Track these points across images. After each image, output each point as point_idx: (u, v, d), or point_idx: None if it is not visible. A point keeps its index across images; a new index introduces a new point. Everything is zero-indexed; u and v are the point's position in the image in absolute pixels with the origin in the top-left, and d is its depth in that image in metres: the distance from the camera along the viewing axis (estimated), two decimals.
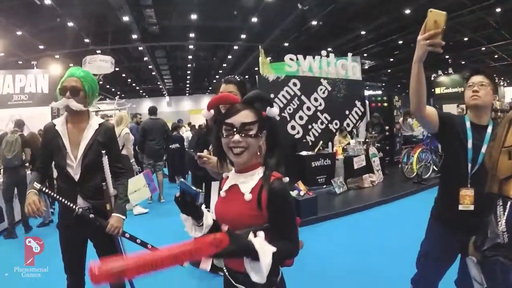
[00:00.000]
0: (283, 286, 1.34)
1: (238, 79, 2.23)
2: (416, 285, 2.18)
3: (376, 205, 5.87)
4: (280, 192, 1.20)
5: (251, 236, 1.07)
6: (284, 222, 1.19)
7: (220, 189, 1.38)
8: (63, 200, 2.00)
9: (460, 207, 1.78)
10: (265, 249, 1.05)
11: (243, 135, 1.19)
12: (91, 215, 2.04)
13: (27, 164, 4.94)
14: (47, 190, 2.03)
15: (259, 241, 1.06)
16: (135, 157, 6.09)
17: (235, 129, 1.19)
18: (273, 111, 1.27)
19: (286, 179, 1.25)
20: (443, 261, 2.00)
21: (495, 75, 1.86)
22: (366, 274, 3.32)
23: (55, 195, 2.05)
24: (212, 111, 1.32)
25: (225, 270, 1.37)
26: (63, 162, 2.02)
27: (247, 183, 1.24)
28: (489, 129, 1.82)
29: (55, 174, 2.46)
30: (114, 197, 2.15)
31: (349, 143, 7.41)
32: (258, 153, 1.27)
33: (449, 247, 1.94)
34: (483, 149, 1.75)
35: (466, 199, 1.76)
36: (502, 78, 22.16)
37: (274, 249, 1.06)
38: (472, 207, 1.75)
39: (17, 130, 5.08)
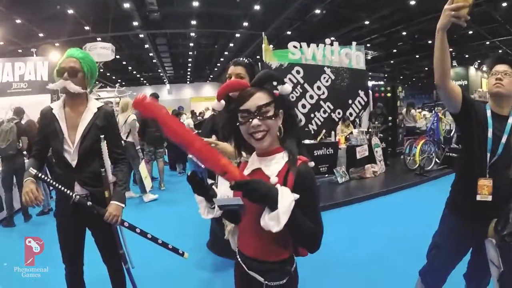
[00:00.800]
0: (296, 277, 1.32)
1: (247, 61, 2.16)
2: (424, 277, 2.14)
3: (378, 195, 5.82)
4: (307, 176, 1.18)
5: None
6: (310, 206, 1.14)
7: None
8: (60, 186, 1.93)
9: (478, 198, 1.72)
10: (286, 193, 1.04)
11: (261, 118, 1.16)
12: (89, 203, 1.97)
13: (24, 152, 4.86)
14: (43, 177, 1.95)
15: (282, 187, 1.06)
16: None
17: (252, 114, 1.16)
18: (286, 88, 1.24)
19: (312, 164, 1.22)
20: (455, 253, 1.96)
21: None
22: (367, 264, 3.29)
23: (51, 181, 1.98)
24: (223, 102, 1.30)
25: (237, 257, 1.36)
26: (60, 147, 1.94)
27: (271, 166, 1.21)
28: (510, 120, 1.76)
29: None
30: (113, 184, 2.08)
31: (351, 133, 7.34)
32: (278, 134, 1.22)
33: (463, 240, 1.90)
34: (503, 140, 1.70)
35: (484, 189, 1.71)
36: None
37: (296, 196, 1.05)
38: (490, 198, 1.70)
39: (14, 118, 5.00)
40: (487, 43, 16.42)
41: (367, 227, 4.12)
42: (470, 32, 15.09)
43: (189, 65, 24.84)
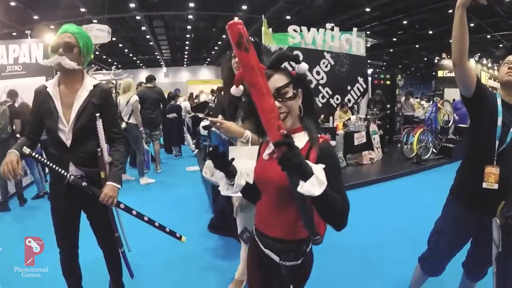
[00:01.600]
0: (312, 258, 1.36)
1: (253, 40, 2.10)
2: (424, 263, 2.14)
3: (375, 182, 5.84)
4: (330, 152, 1.20)
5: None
6: (335, 181, 1.10)
7: (261, 153, 1.37)
8: (54, 166, 1.87)
9: (484, 185, 1.71)
10: (314, 165, 1.02)
11: (280, 100, 1.17)
12: (84, 183, 1.91)
13: (18, 136, 4.73)
14: (36, 155, 1.89)
15: (308, 162, 1.03)
16: None
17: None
18: (302, 67, 1.24)
19: (333, 142, 1.19)
20: (457, 240, 1.96)
21: None
22: (362, 250, 3.30)
23: (44, 160, 1.92)
24: (241, 87, 1.32)
25: (254, 235, 1.39)
26: (54, 126, 1.87)
27: None
28: None
29: None
30: (109, 165, 2.02)
31: (349, 119, 7.31)
32: (299, 113, 1.23)
33: (465, 227, 1.89)
34: None
35: (491, 177, 1.70)
36: None
37: (323, 165, 1.03)
38: (496, 186, 1.69)
39: (7, 101, 4.88)
40: (488, 36, 16.28)
41: (363, 213, 4.11)
42: (472, 25, 14.94)
43: (186, 48, 24.52)
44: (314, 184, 0.98)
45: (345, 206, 1.12)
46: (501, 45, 17.70)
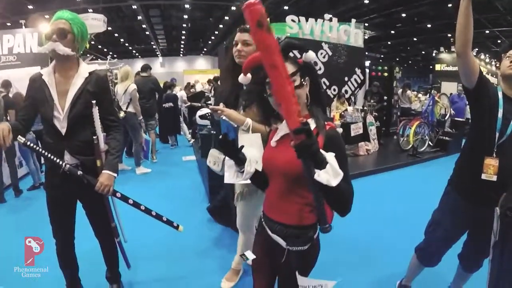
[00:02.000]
0: (318, 245, 1.38)
1: None
2: (420, 253, 2.15)
3: (371, 173, 5.87)
4: (336, 139, 1.21)
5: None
6: (342, 167, 1.09)
7: (268, 141, 1.38)
8: (49, 155, 1.85)
9: (483, 176, 1.71)
10: (326, 153, 1.03)
11: None
12: (79, 172, 1.89)
13: None
14: (31, 144, 1.86)
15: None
16: None
17: None
18: (310, 55, 1.24)
19: (340, 130, 1.19)
20: (454, 231, 1.97)
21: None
22: (358, 240, 3.31)
23: (39, 148, 1.89)
24: (249, 75, 1.31)
25: (262, 220, 1.42)
26: (49, 113, 1.84)
27: None
28: None
29: None
30: (105, 153, 2.00)
31: (346, 110, 7.31)
32: (306, 101, 1.24)
33: (463, 218, 1.90)
34: None
35: (490, 168, 1.70)
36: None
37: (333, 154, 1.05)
38: (494, 178, 1.69)
39: (1, 91, 4.80)
40: (487, 32, 16.28)
41: (359, 204, 4.00)
42: None
43: (183, 37, 24.33)
44: (330, 174, 1.00)
45: (351, 194, 1.16)
46: (499, 41, 17.71)
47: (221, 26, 20.34)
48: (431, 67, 20.59)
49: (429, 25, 17.16)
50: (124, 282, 2.46)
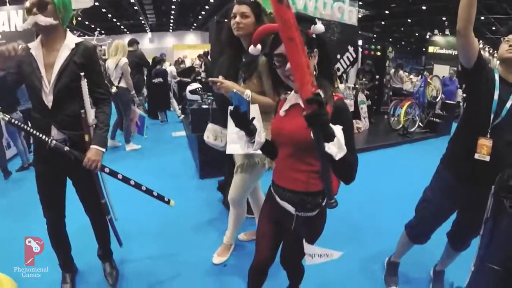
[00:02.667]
0: (325, 212, 1.43)
1: (253, 0, 2.07)
2: (410, 230, 2.18)
3: (361, 151, 5.88)
4: (344, 109, 1.24)
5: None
6: (347, 140, 1.12)
7: (277, 110, 1.42)
8: (34, 131, 1.80)
9: (476, 156, 1.72)
10: (339, 130, 1.07)
11: None
12: (66, 148, 1.84)
13: None
14: (16, 122, 1.81)
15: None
16: None
17: (286, 57, 1.18)
18: (318, 27, 1.26)
19: (347, 100, 1.17)
20: (444, 209, 1.98)
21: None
22: (347, 218, 3.32)
23: (24, 125, 1.85)
24: (259, 46, 1.39)
25: (271, 187, 1.48)
26: (38, 86, 1.77)
27: None
28: None
29: None
30: (94, 127, 1.94)
31: (338, 87, 7.27)
32: (314, 72, 1.25)
33: (453, 197, 1.91)
34: (508, 104, 1.68)
35: (484, 148, 1.71)
36: (496, 51, 22.08)
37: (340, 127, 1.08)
38: (487, 158, 1.70)
39: None
40: (482, 18, 16.21)
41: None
42: None
43: (172, 12, 23.71)
44: (336, 147, 1.05)
45: (356, 164, 1.22)
46: (494, 28, 17.66)
47: (212, 0, 19.82)
48: (424, 49, 20.54)
49: (424, 7, 17.00)
50: (116, 259, 2.45)
